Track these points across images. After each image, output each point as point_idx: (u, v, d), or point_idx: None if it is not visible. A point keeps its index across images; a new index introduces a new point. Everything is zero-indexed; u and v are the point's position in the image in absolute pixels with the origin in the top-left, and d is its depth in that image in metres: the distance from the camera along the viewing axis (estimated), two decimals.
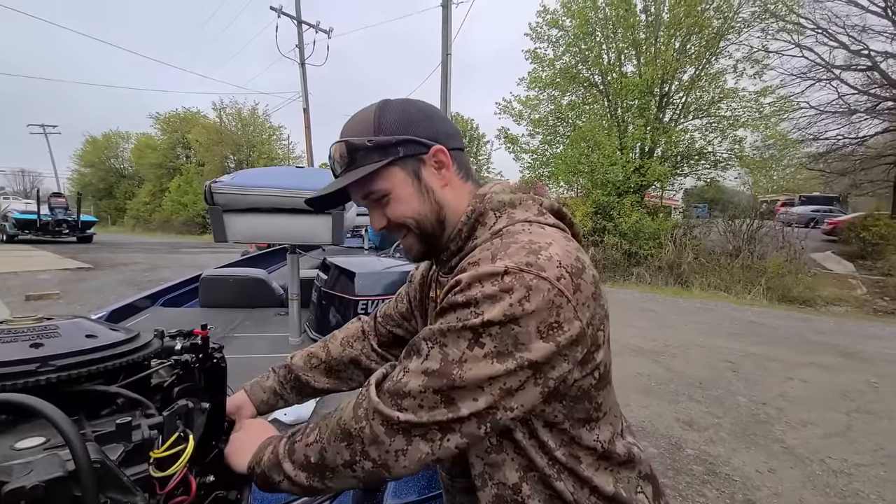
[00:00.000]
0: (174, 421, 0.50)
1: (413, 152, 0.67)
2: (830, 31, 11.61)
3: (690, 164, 12.59)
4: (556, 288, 0.53)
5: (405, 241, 0.72)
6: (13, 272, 8.18)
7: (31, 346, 0.45)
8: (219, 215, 1.44)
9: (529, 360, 0.51)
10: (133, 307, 2.19)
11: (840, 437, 3.01)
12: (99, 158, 37.75)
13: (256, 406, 0.85)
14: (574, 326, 0.54)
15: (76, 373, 0.45)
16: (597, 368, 0.61)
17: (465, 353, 0.52)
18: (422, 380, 0.54)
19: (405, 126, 0.67)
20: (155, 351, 0.58)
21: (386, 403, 0.54)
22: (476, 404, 0.51)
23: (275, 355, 1.67)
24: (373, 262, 2.03)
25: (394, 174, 0.66)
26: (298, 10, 14.08)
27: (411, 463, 0.53)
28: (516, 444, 0.61)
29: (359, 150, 0.65)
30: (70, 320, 0.53)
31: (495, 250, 0.59)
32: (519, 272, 0.53)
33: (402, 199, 0.67)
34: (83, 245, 15.00)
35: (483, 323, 0.52)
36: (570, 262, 0.57)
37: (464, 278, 0.56)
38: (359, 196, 0.69)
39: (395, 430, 0.53)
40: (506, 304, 0.52)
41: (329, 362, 0.92)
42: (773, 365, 4.41)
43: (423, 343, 0.57)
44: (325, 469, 0.57)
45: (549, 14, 12.34)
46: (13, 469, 0.34)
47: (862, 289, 9.25)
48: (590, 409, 0.62)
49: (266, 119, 28.51)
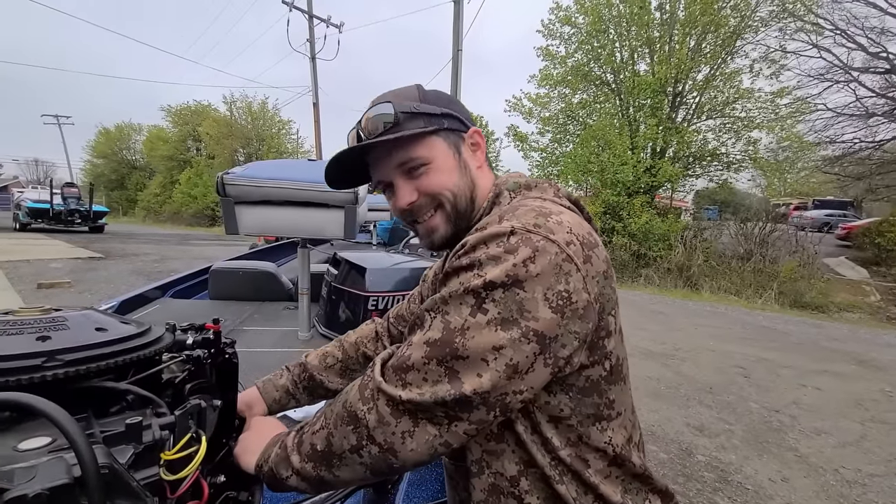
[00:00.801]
0: (186, 420, 0.47)
1: (455, 127, 0.66)
2: (849, 33, 11.34)
3: (703, 165, 12.40)
4: (565, 253, 0.50)
5: (430, 222, 0.66)
6: (26, 260, 8.29)
7: (37, 339, 0.43)
8: (230, 207, 1.42)
9: (535, 330, 0.48)
10: (143, 297, 2.18)
11: (854, 446, 2.95)
12: (111, 150, 38.16)
13: (268, 405, 0.82)
14: (582, 298, 0.50)
15: (84, 368, 0.42)
16: (607, 358, 0.57)
17: (468, 320, 0.49)
18: (424, 351, 0.50)
19: (447, 103, 0.66)
20: (167, 345, 0.55)
21: (390, 381, 0.51)
22: (480, 381, 0.47)
23: (284, 350, 1.65)
24: (383, 258, 2.01)
25: (437, 144, 0.64)
26: (310, 5, 14.06)
27: (419, 446, 0.50)
28: (517, 437, 0.58)
29: (406, 113, 0.62)
30: (79, 312, 0.51)
31: (503, 213, 0.56)
32: (526, 233, 0.50)
33: (442, 170, 0.64)
34: (94, 235, 15.19)
35: (485, 284, 0.48)
36: (583, 233, 0.54)
37: (469, 240, 0.53)
38: (392, 165, 0.64)
39: (400, 412, 0.50)
40: (509, 265, 0.48)
41: (345, 362, 0.90)
42: (786, 371, 4.33)
43: (426, 314, 0.54)
44: (332, 456, 0.54)
45: (562, 11, 12.19)
46: (15, 474, 0.31)
47: (876, 295, 9.07)
48: (600, 405, 0.58)
49: (276, 113, 28.64)
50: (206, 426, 0.52)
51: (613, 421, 0.60)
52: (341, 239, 1.57)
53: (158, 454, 0.43)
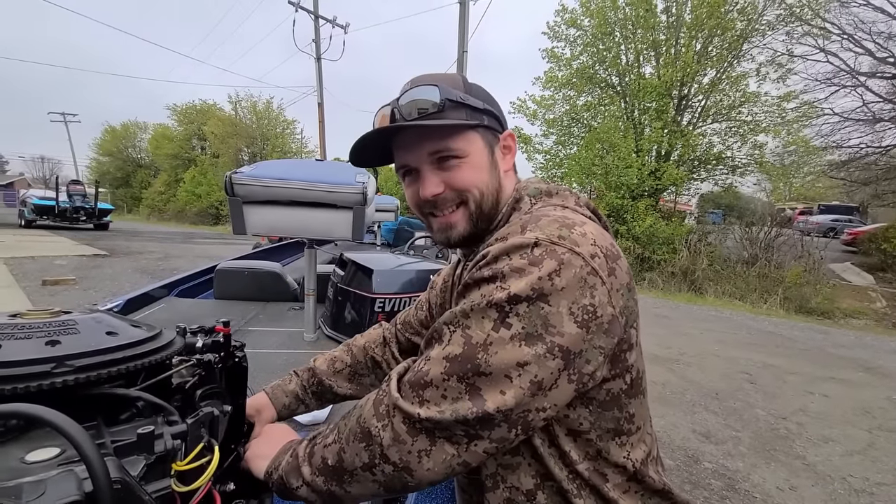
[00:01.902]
0: (199, 429, 0.46)
1: (493, 126, 0.64)
2: (856, 37, 11.27)
3: (708, 168, 12.34)
4: (590, 266, 0.48)
5: (451, 217, 0.64)
6: (31, 257, 8.32)
7: (46, 344, 0.41)
8: (238, 206, 1.41)
9: (560, 345, 0.46)
10: (148, 296, 2.17)
11: (862, 454, 2.91)
12: (117, 148, 38.31)
13: (278, 410, 0.81)
14: (607, 313, 0.48)
15: (95, 375, 0.41)
16: (628, 371, 0.56)
17: (490, 335, 0.47)
18: (443, 366, 0.48)
19: (490, 100, 0.65)
20: (177, 350, 0.54)
21: (407, 398, 0.49)
22: (504, 399, 0.45)
23: (290, 351, 1.64)
24: (390, 259, 1.99)
25: (475, 139, 0.62)
26: (316, 6, 14.09)
27: (436, 465, 0.48)
28: (534, 451, 0.56)
29: (452, 101, 0.59)
30: (89, 315, 0.49)
31: (525, 223, 0.54)
32: (550, 244, 0.49)
33: (476, 167, 0.62)
34: (99, 232, 15.23)
35: (509, 298, 0.47)
36: (606, 244, 0.52)
37: (491, 251, 0.52)
38: (426, 151, 0.61)
39: (417, 430, 0.48)
40: (534, 278, 0.47)
41: (354, 367, 0.89)
42: (793, 378, 4.28)
43: (445, 327, 0.52)
44: (344, 473, 0.52)
45: (568, 13, 12.17)
46: (23, 489, 0.30)
47: (882, 302, 9.00)
48: (620, 420, 0.56)
49: (280, 113, 28.68)
50: (217, 434, 0.50)
51: (633, 436, 0.58)
52: (348, 240, 1.56)
53: (170, 465, 0.41)
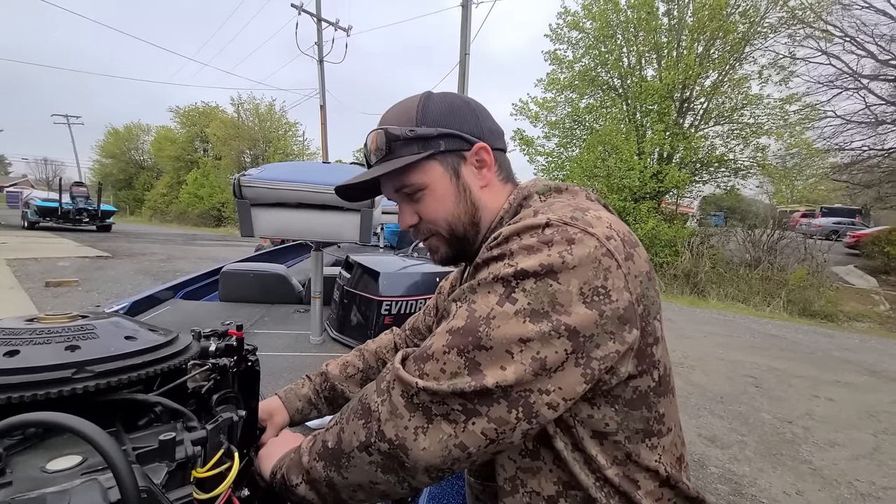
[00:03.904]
0: (218, 435, 0.45)
1: (455, 147, 0.62)
2: (859, 40, 11.25)
3: (710, 171, 12.33)
4: (605, 247, 0.47)
5: (430, 242, 0.66)
6: (34, 258, 8.33)
7: (66, 349, 0.41)
8: (246, 209, 1.40)
9: (567, 325, 0.44)
10: (153, 299, 2.17)
11: (868, 458, 2.89)
12: (120, 150, 38.43)
13: (291, 414, 0.80)
14: (623, 298, 0.46)
15: (116, 380, 0.40)
16: (655, 367, 0.53)
17: (494, 309, 0.45)
18: (445, 339, 0.47)
19: (449, 119, 0.62)
20: (194, 354, 0.53)
21: (409, 370, 0.48)
22: (504, 374, 0.43)
23: (296, 354, 1.63)
24: (396, 262, 1.99)
25: (432, 168, 0.62)
26: (319, 8, 14.15)
27: (432, 445, 0.45)
28: (556, 455, 0.53)
29: (398, 139, 0.60)
30: (107, 319, 0.49)
31: (538, 208, 0.54)
32: (562, 224, 0.48)
33: (438, 197, 0.63)
34: (102, 234, 15.27)
35: (516, 273, 0.45)
36: (623, 230, 0.51)
37: (503, 232, 0.51)
38: (391, 189, 0.65)
39: (414, 405, 0.46)
40: (543, 255, 0.45)
41: (366, 372, 0.88)
42: (798, 381, 4.26)
43: (454, 304, 0.51)
44: (341, 455, 0.51)
45: (570, 16, 12.19)
46: (47, 500, 0.29)
47: (885, 305, 8.96)
48: (650, 420, 0.54)
49: (283, 115, 28.76)
50: (235, 440, 0.50)
51: (664, 437, 0.55)
52: (355, 242, 1.55)
53: (190, 471, 0.41)
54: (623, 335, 0.47)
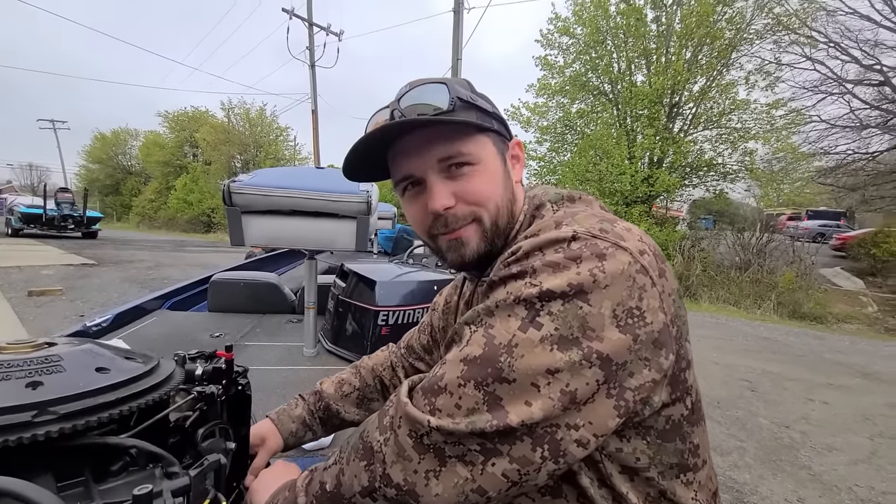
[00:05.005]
0: (203, 481, 0.40)
1: (503, 132, 0.58)
2: (843, 45, 11.51)
3: (699, 174, 12.48)
4: (639, 263, 0.42)
5: (462, 233, 0.56)
6: (17, 266, 8.11)
7: (27, 386, 0.35)
8: (237, 217, 1.34)
9: (599, 352, 0.39)
10: (139, 309, 2.09)
11: (866, 463, 2.89)
12: (107, 155, 37.85)
13: (284, 438, 0.75)
14: (658, 320, 0.41)
15: (83, 422, 0.35)
16: (688, 393, 0.49)
17: (517, 335, 0.40)
18: (460, 370, 0.41)
19: (495, 107, 0.58)
20: (177, 384, 0.48)
21: (417, 404, 0.42)
22: (529, 411, 0.38)
23: (289, 367, 1.57)
24: (392, 270, 1.93)
25: (487, 144, 0.55)
26: (310, 13, 14.10)
27: (445, 490, 0.40)
28: (581, 492, 0.48)
29: (462, 100, 0.52)
30: (77, 347, 0.43)
31: (559, 218, 0.48)
32: (591, 238, 0.42)
33: (489, 175, 0.55)
34: (88, 241, 14.97)
35: (541, 294, 0.40)
36: (653, 244, 0.46)
37: (522, 246, 0.45)
38: (434, 157, 0.53)
39: (425, 446, 0.41)
40: (572, 273, 0.40)
41: (362, 390, 0.83)
42: (792, 385, 4.27)
43: (466, 328, 0.45)
44: (341, 500, 0.45)
45: (561, 22, 12.32)
46: None
47: (873, 306, 9.09)
48: (684, 452, 0.49)
49: (273, 120, 28.57)
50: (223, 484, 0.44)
51: (700, 472, 0.50)
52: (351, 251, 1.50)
53: None
54: (659, 361, 0.42)
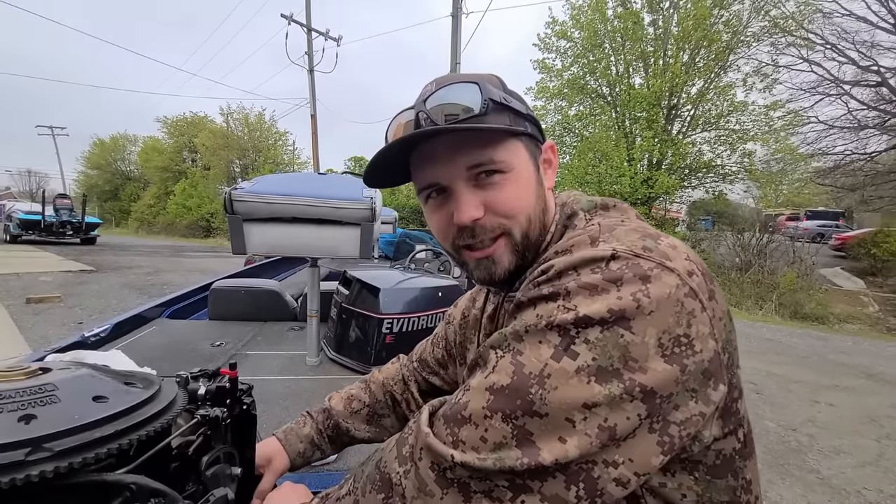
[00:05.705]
0: None
1: (536, 135, 0.53)
2: (839, 47, 11.57)
3: (698, 176, 12.50)
4: (688, 286, 0.37)
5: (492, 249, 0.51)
6: (15, 273, 8.06)
7: (20, 420, 0.33)
8: (238, 225, 1.32)
9: (643, 385, 0.35)
10: (138, 318, 2.06)
11: (873, 465, 2.86)
12: (106, 160, 37.84)
13: (292, 459, 0.71)
14: (708, 348, 0.37)
15: (80, 459, 0.32)
16: (740, 425, 0.45)
17: (549, 365, 0.36)
18: (486, 399, 0.38)
19: (528, 107, 0.53)
20: (180, 410, 0.45)
21: (439, 435, 0.39)
22: (564, 448, 0.35)
23: (292, 377, 1.54)
24: (395, 276, 1.91)
25: (519, 150, 0.51)
26: (309, 19, 14.14)
27: None
28: None
29: (494, 101, 0.48)
30: (73, 374, 0.40)
31: (595, 233, 0.44)
32: (633, 257, 0.38)
33: (522, 184, 0.50)
34: (86, 247, 14.90)
35: (577, 320, 0.36)
36: (701, 262, 0.42)
37: (555, 264, 0.41)
38: (462, 165, 0.49)
39: (448, 480, 0.37)
40: (612, 297, 0.36)
41: (372, 406, 0.79)
42: (797, 387, 4.24)
43: (492, 352, 0.41)
44: None
45: (559, 25, 12.36)
46: None
47: (874, 306, 9.08)
48: (736, 490, 0.45)
49: (272, 124, 28.59)
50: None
51: None
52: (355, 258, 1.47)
53: None
54: (707, 393, 0.38)
